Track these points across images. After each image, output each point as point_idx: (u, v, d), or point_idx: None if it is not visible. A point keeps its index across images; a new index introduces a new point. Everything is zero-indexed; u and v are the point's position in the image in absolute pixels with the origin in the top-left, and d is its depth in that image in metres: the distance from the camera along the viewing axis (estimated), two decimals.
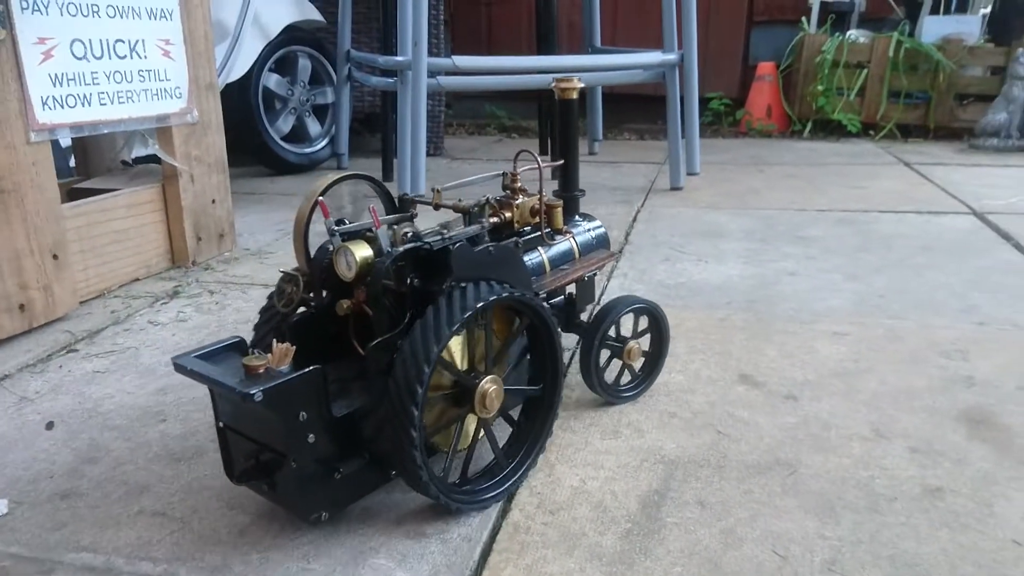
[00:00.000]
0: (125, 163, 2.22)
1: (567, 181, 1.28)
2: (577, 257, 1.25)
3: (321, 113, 3.50)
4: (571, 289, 1.27)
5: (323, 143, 3.50)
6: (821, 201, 2.73)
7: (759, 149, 3.99)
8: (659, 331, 1.30)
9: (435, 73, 2.57)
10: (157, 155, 1.98)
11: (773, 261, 2.03)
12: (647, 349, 1.30)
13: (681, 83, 2.98)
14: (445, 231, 1.02)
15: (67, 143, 2.29)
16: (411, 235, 0.99)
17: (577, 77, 1.21)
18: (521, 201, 1.12)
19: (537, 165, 1.09)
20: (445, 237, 0.99)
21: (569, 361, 1.38)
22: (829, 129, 4.35)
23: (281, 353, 0.86)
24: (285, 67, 3.29)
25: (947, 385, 1.32)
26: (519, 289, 0.98)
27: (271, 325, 1.02)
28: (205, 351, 0.92)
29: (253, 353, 0.86)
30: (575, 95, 1.22)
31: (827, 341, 1.51)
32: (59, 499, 1.03)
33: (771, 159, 3.67)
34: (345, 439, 0.92)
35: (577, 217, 1.31)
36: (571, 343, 1.39)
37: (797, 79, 4.41)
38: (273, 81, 3.20)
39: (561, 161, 1.26)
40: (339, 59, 3.34)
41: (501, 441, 1.04)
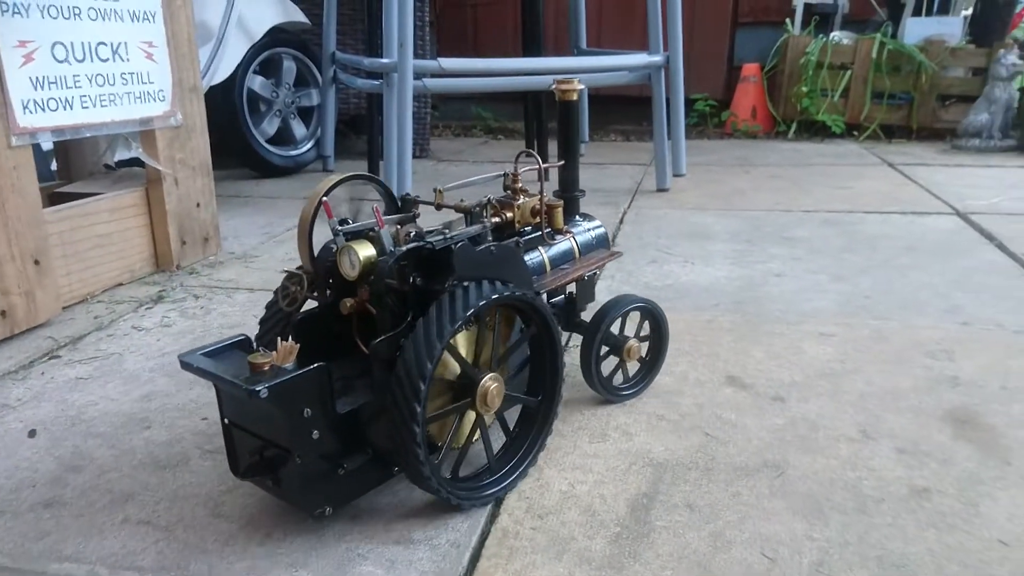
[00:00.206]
0: (108, 167, 2.20)
1: (567, 182, 1.30)
2: (577, 257, 1.26)
3: (306, 115, 3.48)
4: (571, 288, 1.28)
5: (308, 145, 3.48)
6: (806, 202, 2.75)
7: (744, 150, 4.01)
8: (658, 330, 1.31)
9: (421, 75, 2.56)
10: (140, 158, 1.97)
11: (760, 262, 2.04)
12: (647, 348, 1.32)
13: (667, 84, 2.98)
14: (447, 231, 1.04)
15: (48, 147, 2.26)
16: (414, 235, 1.01)
17: (577, 79, 1.23)
18: (522, 201, 1.14)
19: (538, 166, 1.10)
20: (447, 237, 1.00)
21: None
22: (813, 130, 4.37)
23: (285, 351, 0.88)
24: (270, 69, 3.27)
25: (932, 385, 1.33)
26: (520, 288, 0.99)
27: (275, 323, 1.03)
28: (211, 349, 0.93)
29: (258, 351, 0.88)
30: (576, 96, 1.23)
31: (814, 342, 1.51)
32: (42, 508, 1.02)
33: (756, 160, 3.69)
34: (349, 435, 0.93)
35: (577, 217, 1.32)
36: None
37: (782, 80, 4.43)
38: (258, 83, 3.18)
39: (562, 162, 1.28)
40: (324, 61, 3.32)
41: (502, 440, 1.04)
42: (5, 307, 1.56)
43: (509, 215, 1.13)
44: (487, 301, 0.92)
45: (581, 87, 1.23)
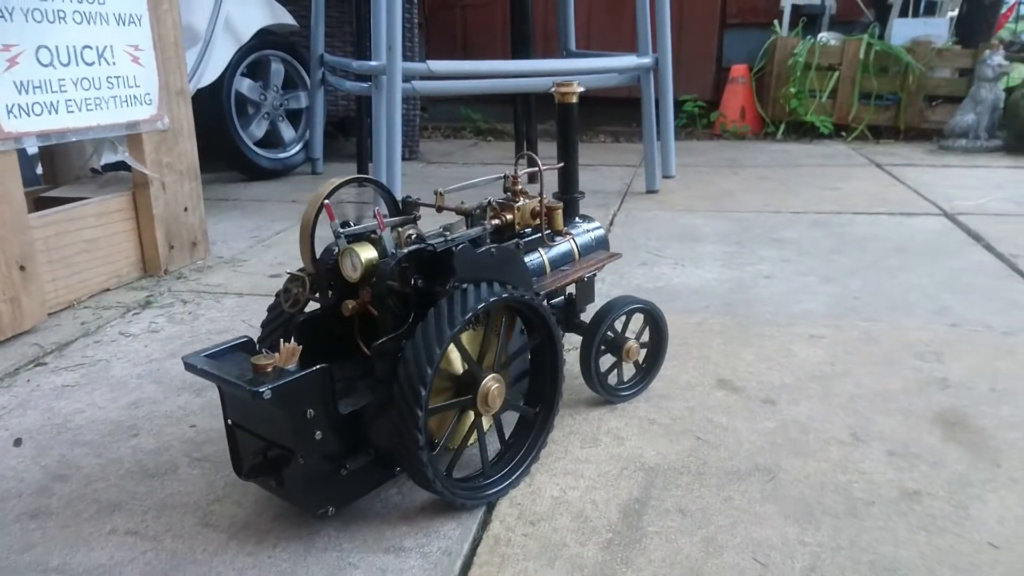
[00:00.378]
0: (94, 171, 2.18)
1: (567, 183, 1.31)
2: (577, 258, 1.27)
3: (295, 118, 3.46)
4: (571, 289, 1.29)
5: (297, 148, 3.46)
6: (795, 203, 2.76)
7: (733, 151, 4.02)
8: (657, 331, 1.32)
9: (410, 78, 2.55)
10: (127, 162, 1.95)
11: (749, 264, 2.05)
12: (646, 348, 1.32)
13: (656, 86, 2.99)
14: (448, 233, 1.04)
15: (34, 151, 2.24)
16: (415, 237, 1.01)
17: (576, 81, 1.23)
18: (522, 203, 1.14)
19: (538, 168, 1.10)
20: (448, 239, 1.01)
21: None
22: (802, 131, 4.39)
23: (288, 352, 0.88)
24: (258, 72, 3.25)
25: (922, 387, 1.33)
26: (520, 290, 1.00)
27: (278, 325, 1.03)
28: (214, 350, 0.93)
29: (261, 352, 0.88)
30: (575, 99, 1.24)
31: (804, 344, 1.52)
32: (28, 519, 1.01)
33: (745, 161, 3.70)
34: (351, 436, 0.94)
35: (577, 219, 1.33)
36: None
37: (770, 81, 4.45)
38: (246, 86, 3.17)
39: (560, 164, 1.28)
40: (312, 63, 3.31)
41: (503, 438, 1.04)
42: None
43: (509, 217, 1.13)
44: (486, 304, 0.93)
45: (581, 89, 1.24)
